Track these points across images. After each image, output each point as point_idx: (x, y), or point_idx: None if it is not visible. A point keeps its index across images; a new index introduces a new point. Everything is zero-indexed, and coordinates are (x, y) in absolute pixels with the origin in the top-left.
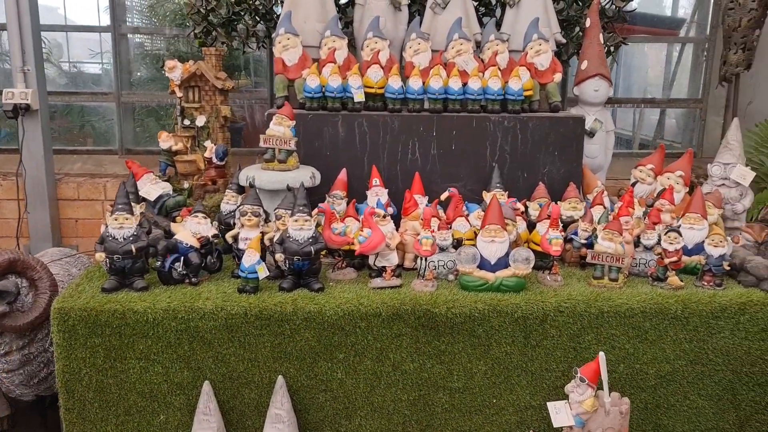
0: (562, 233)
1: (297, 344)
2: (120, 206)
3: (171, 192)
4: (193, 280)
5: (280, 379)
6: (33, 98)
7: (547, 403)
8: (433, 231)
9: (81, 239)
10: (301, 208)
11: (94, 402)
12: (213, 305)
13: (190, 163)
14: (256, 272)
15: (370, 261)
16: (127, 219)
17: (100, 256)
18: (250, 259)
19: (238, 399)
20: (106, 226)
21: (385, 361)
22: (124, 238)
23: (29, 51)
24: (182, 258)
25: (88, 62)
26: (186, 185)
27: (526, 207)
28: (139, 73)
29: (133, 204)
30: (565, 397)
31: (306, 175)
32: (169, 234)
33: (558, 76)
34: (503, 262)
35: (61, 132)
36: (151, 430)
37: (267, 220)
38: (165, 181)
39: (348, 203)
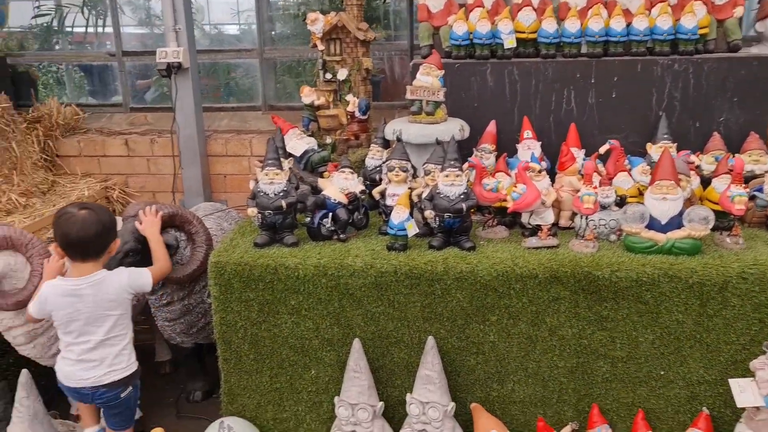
0: (747, 190)
1: (448, 305)
2: (270, 161)
3: (316, 147)
4: (341, 236)
5: (431, 340)
6: (184, 57)
7: (730, 381)
8: (595, 187)
9: (229, 194)
10: (451, 162)
11: (249, 354)
12: (362, 263)
13: (332, 117)
14: (405, 229)
15: (524, 219)
16: (277, 174)
17: (252, 211)
18: (399, 215)
19: (387, 358)
20: (256, 182)
21: (541, 325)
22: (275, 194)
23: (180, 10)
24: (330, 214)
25: (228, 23)
26: (328, 140)
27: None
28: (279, 30)
29: (281, 159)
30: (749, 374)
31: (455, 128)
32: (315, 190)
33: (739, 11)
34: (676, 222)
35: (209, 90)
36: (302, 384)
37: (415, 176)
38: (309, 136)
39: (497, 157)
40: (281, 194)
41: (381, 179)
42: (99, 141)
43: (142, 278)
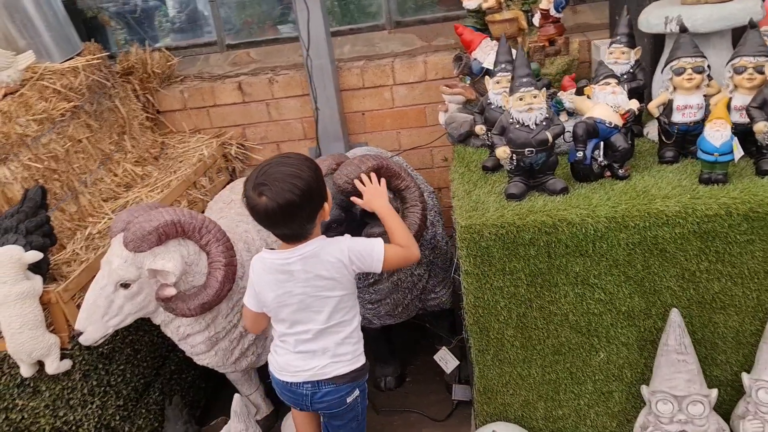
0: None
1: None
2: (524, 79)
3: None
4: (620, 172)
5: None
6: None
7: None
8: None
9: (369, 135)
10: None
11: (514, 341)
12: (678, 206)
13: (509, 22)
14: (729, 152)
15: None
16: (535, 97)
17: (504, 151)
18: (720, 133)
19: (708, 329)
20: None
21: None
22: (536, 124)
23: None
24: (602, 143)
25: None
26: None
27: None
28: None
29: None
30: None
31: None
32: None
33: None
34: None
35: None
36: (586, 372)
37: (710, 77)
38: None
39: None
40: (543, 124)
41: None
42: (207, 89)
43: (372, 254)
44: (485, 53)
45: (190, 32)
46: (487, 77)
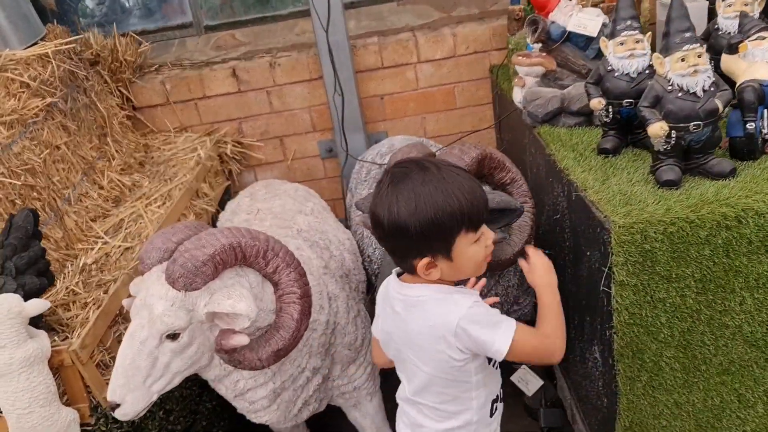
0: None
1: None
2: (686, 34)
3: (607, 20)
4: None
5: None
6: None
7: None
8: None
9: (390, 123)
10: None
11: (674, 362)
12: None
13: None
14: None
15: None
16: (699, 57)
17: (661, 128)
18: None
19: None
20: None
21: None
22: (704, 91)
23: None
24: (765, 111)
25: None
26: None
27: None
28: None
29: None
30: None
31: None
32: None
33: None
34: None
35: None
36: (757, 391)
37: None
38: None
39: None
40: (711, 89)
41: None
42: (193, 77)
43: (494, 338)
44: (565, 14)
45: (158, 14)
46: (603, 39)
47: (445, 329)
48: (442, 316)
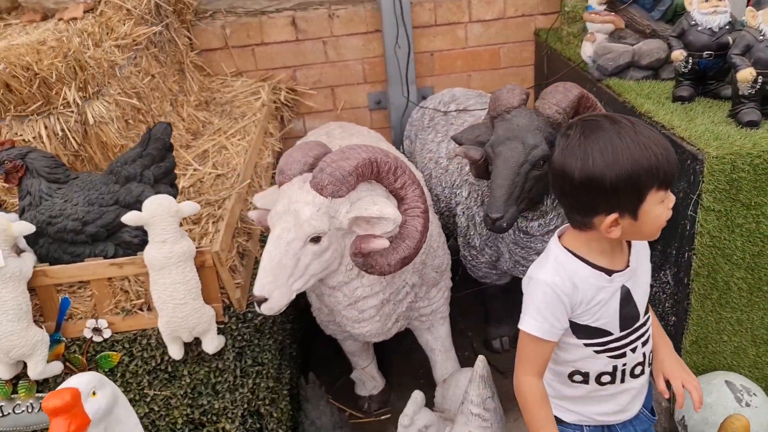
0: None
1: None
2: None
3: None
4: None
5: None
6: None
7: None
8: None
9: (437, 78)
10: None
11: (742, 283)
12: None
13: None
14: None
15: None
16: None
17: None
18: None
19: None
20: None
21: None
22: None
23: None
24: None
25: None
26: None
27: None
28: None
29: None
30: None
31: None
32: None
33: None
34: None
35: None
36: None
37: None
38: None
39: None
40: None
41: None
42: (253, 24)
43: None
44: None
45: None
46: None
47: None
48: (533, 269)
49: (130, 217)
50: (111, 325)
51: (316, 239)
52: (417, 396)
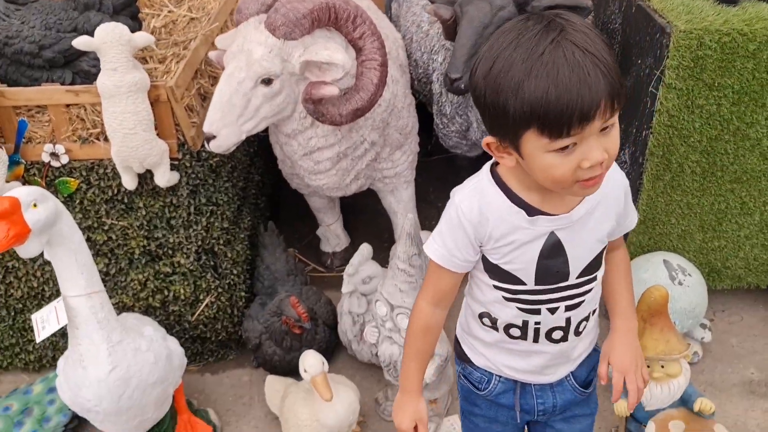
0: None
1: None
2: None
3: None
4: None
5: None
6: None
7: None
8: None
9: None
10: None
11: (696, 167)
12: None
13: None
14: None
15: None
16: None
17: None
18: None
19: None
20: None
21: None
22: None
23: None
24: None
25: None
26: None
27: None
28: None
29: None
30: None
31: None
32: None
33: None
34: None
35: None
36: (759, 201)
37: None
38: None
39: None
40: None
41: None
42: None
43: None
44: None
45: None
46: None
47: None
48: (456, 187)
49: (81, 41)
50: (69, 152)
51: (267, 81)
52: (364, 249)
